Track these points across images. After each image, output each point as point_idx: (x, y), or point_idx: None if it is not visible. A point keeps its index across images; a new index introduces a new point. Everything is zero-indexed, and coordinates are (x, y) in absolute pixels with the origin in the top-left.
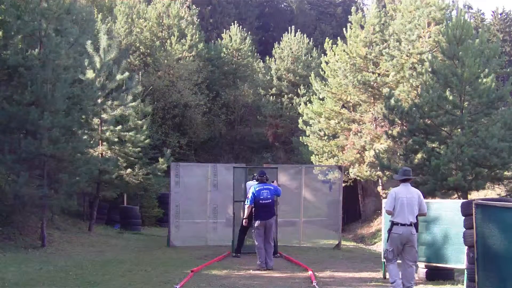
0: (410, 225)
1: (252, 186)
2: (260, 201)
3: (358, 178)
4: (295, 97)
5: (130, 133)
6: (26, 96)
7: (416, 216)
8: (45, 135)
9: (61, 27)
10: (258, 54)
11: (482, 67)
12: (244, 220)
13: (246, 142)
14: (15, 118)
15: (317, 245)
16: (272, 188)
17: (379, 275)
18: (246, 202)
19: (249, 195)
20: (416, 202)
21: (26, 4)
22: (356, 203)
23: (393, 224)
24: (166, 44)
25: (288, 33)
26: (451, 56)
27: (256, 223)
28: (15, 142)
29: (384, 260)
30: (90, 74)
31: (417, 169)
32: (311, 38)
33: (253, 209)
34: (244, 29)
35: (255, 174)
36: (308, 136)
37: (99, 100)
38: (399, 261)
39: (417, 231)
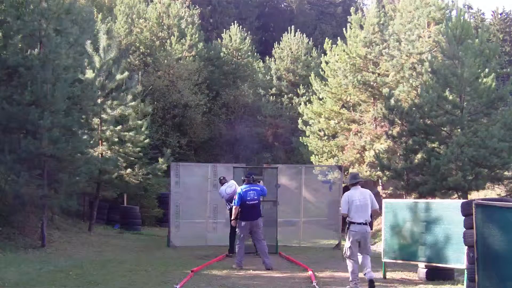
0: (365, 224)
1: (239, 187)
2: (247, 202)
3: None
4: (295, 97)
5: (130, 133)
6: (26, 96)
7: (371, 215)
8: (45, 135)
9: (61, 27)
10: (258, 54)
11: (482, 67)
12: (232, 221)
13: (246, 142)
14: (15, 118)
15: (317, 245)
16: (259, 188)
17: (379, 275)
18: (232, 204)
19: (236, 196)
20: (368, 202)
21: (26, 4)
22: None
23: (350, 223)
24: (166, 44)
25: (288, 33)
26: (451, 56)
27: (242, 224)
28: (15, 142)
29: (345, 257)
30: (90, 74)
31: (417, 169)
32: (311, 38)
33: (240, 209)
34: (244, 29)
35: (221, 178)
36: (308, 136)
37: (99, 100)
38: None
39: (371, 229)
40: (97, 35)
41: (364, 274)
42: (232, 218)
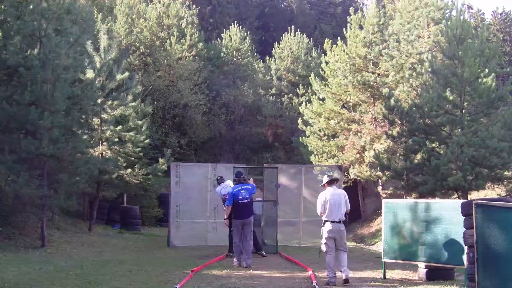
0: (339, 222)
1: (231, 186)
2: (240, 201)
3: (358, 178)
4: (295, 97)
5: (130, 133)
6: (26, 96)
7: (345, 214)
8: (45, 135)
9: (61, 27)
10: (258, 54)
11: (482, 67)
12: (225, 221)
13: (246, 142)
14: (15, 118)
15: (317, 245)
16: (250, 187)
17: (379, 275)
18: (226, 203)
19: (228, 195)
20: (343, 202)
21: (26, 4)
22: (356, 203)
23: (325, 222)
24: (166, 44)
25: (288, 33)
26: (451, 56)
27: (236, 222)
28: (15, 142)
29: (323, 252)
30: (90, 74)
31: (417, 169)
32: (311, 38)
33: (233, 208)
34: (244, 29)
35: (218, 178)
36: (308, 136)
37: (99, 100)
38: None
39: (346, 226)
40: (97, 35)
41: (341, 271)
42: (225, 217)
